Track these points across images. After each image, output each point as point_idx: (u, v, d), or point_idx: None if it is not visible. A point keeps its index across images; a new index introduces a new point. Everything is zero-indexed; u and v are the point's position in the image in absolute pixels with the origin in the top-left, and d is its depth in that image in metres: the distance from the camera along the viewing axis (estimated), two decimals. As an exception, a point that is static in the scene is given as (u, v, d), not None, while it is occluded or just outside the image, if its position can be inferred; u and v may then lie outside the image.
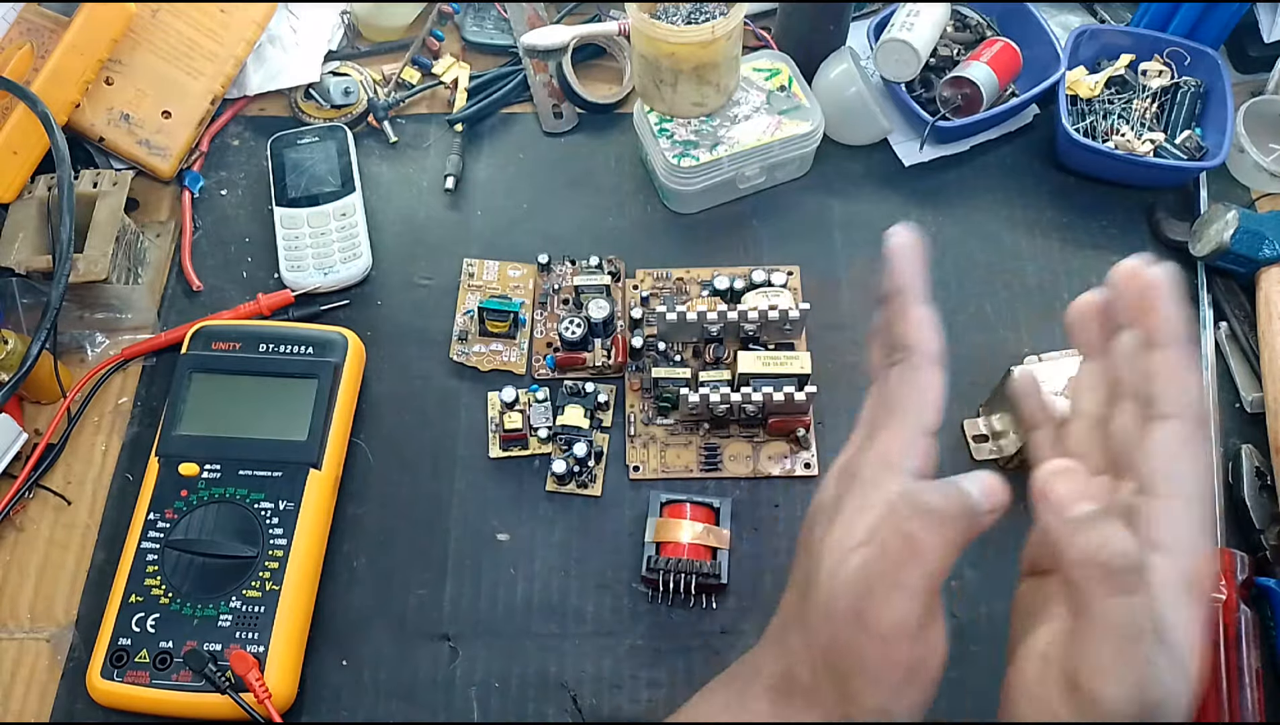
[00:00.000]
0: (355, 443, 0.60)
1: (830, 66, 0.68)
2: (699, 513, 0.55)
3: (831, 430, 0.60)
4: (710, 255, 0.66)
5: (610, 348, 0.61)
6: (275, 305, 0.64)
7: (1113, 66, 0.69)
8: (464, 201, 0.69)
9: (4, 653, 0.54)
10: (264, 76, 0.72)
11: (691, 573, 0.53)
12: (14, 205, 0.63)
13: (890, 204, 0.68)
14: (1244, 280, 0.63)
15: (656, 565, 0.53)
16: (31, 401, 0.62)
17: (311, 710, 0.53)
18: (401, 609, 0.55)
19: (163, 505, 0.54)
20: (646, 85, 0.65)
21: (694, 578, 0.53)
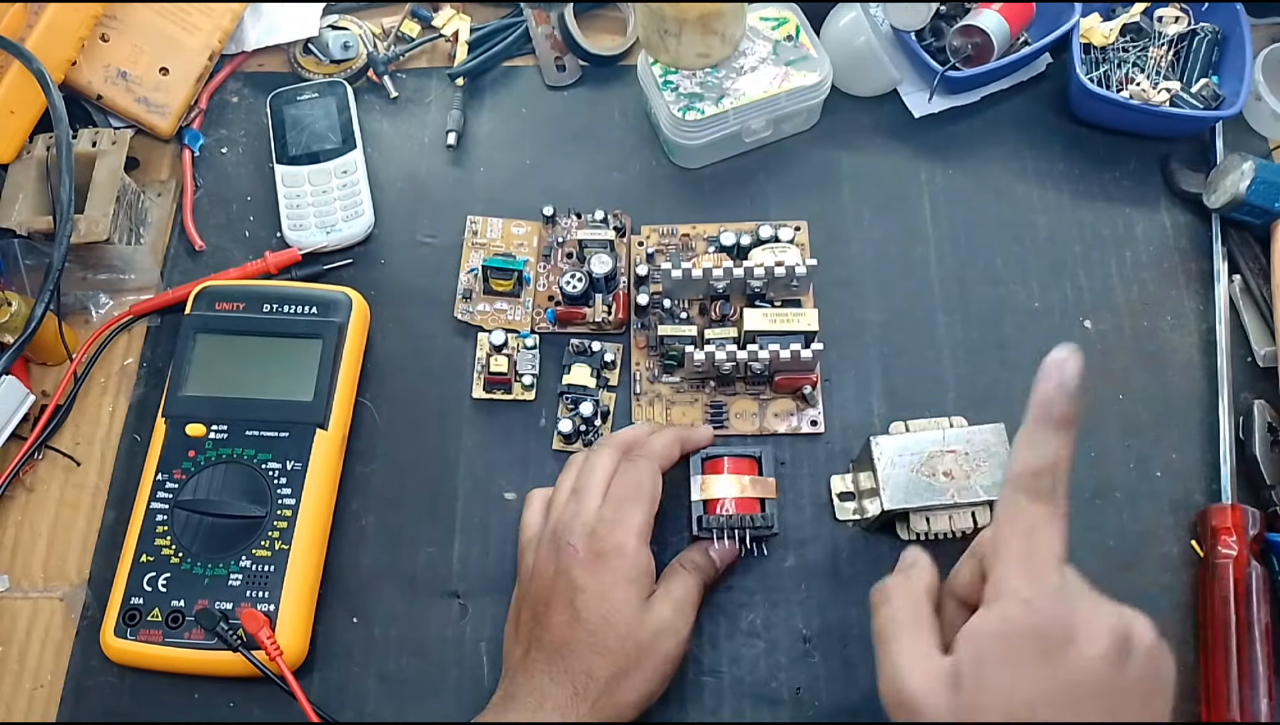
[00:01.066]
0: (361, 402, 0.60)
1: (838, 15, 0.67)
2: (740, 465, 0.54)
3: (838, 387, 0.60)
4: (716, 210, 0.65)
5: (611, 304, 0.60)
6: (282, 264, 0.63)
7: (1128, 13, 0.68)
8: (466, 157, 0.68)
9: (19, 611, 0.55)
10: (262, 31, 0.71)
11: (745, 526, 0.52)
12: (13, 166, 0.62)
13: (900, 156, 0.67)
14: (1259, 232, 0.62)
15: (709, 524, 0.52)
16: (38, 363, 0.62)
17: (323, 667, 0.53)
18: (411, 567, 0.56)
19: (171, 466, 0.54)
20: (650, 36, 0.63)
21: (747, 531, 0.52)
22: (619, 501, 0.49)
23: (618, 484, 0.49)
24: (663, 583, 0.49)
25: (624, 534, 0.47)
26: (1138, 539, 0.55)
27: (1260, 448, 0.56)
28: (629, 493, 0.49)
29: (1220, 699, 0.49)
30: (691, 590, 0.49)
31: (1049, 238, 0.64)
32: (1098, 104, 0.65)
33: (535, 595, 0.48)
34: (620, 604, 0.46)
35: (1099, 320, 0.61)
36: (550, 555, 0.48)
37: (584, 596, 0.46)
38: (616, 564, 0.47)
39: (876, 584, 0.45)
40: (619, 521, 0.48)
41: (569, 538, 0.48)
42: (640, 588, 0.47)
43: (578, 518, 0.48)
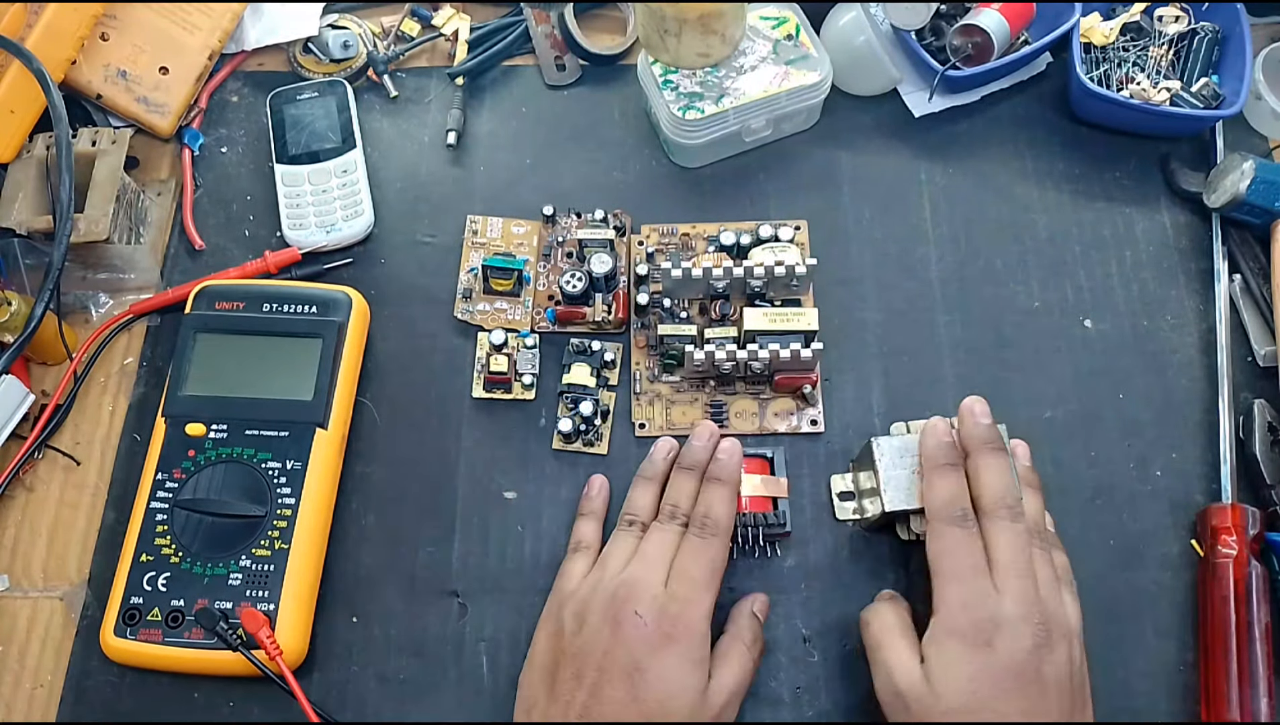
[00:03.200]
0: (361, 402, 0.60)
1: (839, 14, 0.67)
2: (753, 464, 0.54)
3: (838, 387, 0.60)
4: (716, 210, 0.65)
5: (611, 303, 0.60)
6: (282, 263, 0.63)
7: (1128, 12, 0.68)
8: (466, 157, 0.68)
9: (19, 611, 0.55)
10: (261, 31, 0.71)
11: (759, 525, 0.52)
12: (13, 165, 0.62)
13: (900, 156, 0.67)
14: (1259, 231, 0.62)
15: None
16: (38, 362, 0.62)
17: (323, 666, 0.53)
18: (410, 566, 0.56)
19: (170, 465, 0.54)
20: (650, 35, 0.63)
21: (760, 530, 0.52)
22: (692, 581, 0.46)
23: (690, 561, 0.47)
24: (719, 661, 0.47)
25: (695, 616, 0.46)
26: (1138, 539, 0.55)
27: (1260, 447, 0.56)
28: (703, 574, 0.47)
29: (1220, 699, 0.49)
30: (748, 673, 0.48)
31: (1049, 238, 0.64)
32: (1098, 103, 0.65)
33: (584, 658, 0.45)
34: (682, 691, 0.44)
35: (1099, 320, 0.61)
36: (608, 620, 0.46)
37: (646, 678, 0.44)
38: (685, 648, 0.45)
39: (865, 608, 0.50)
40: (691, 601, 0.46)
41: (635, 606, 0.45)
42: (703, 672, 0.45)
43: (645, 588, 0.46)
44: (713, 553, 0.48)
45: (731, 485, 0.50)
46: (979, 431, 0.49)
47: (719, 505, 0.49)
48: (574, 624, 0.47)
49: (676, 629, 0.45)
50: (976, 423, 0.49)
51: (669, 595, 0.46)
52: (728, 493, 0.50)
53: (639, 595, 0.46)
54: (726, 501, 0.49)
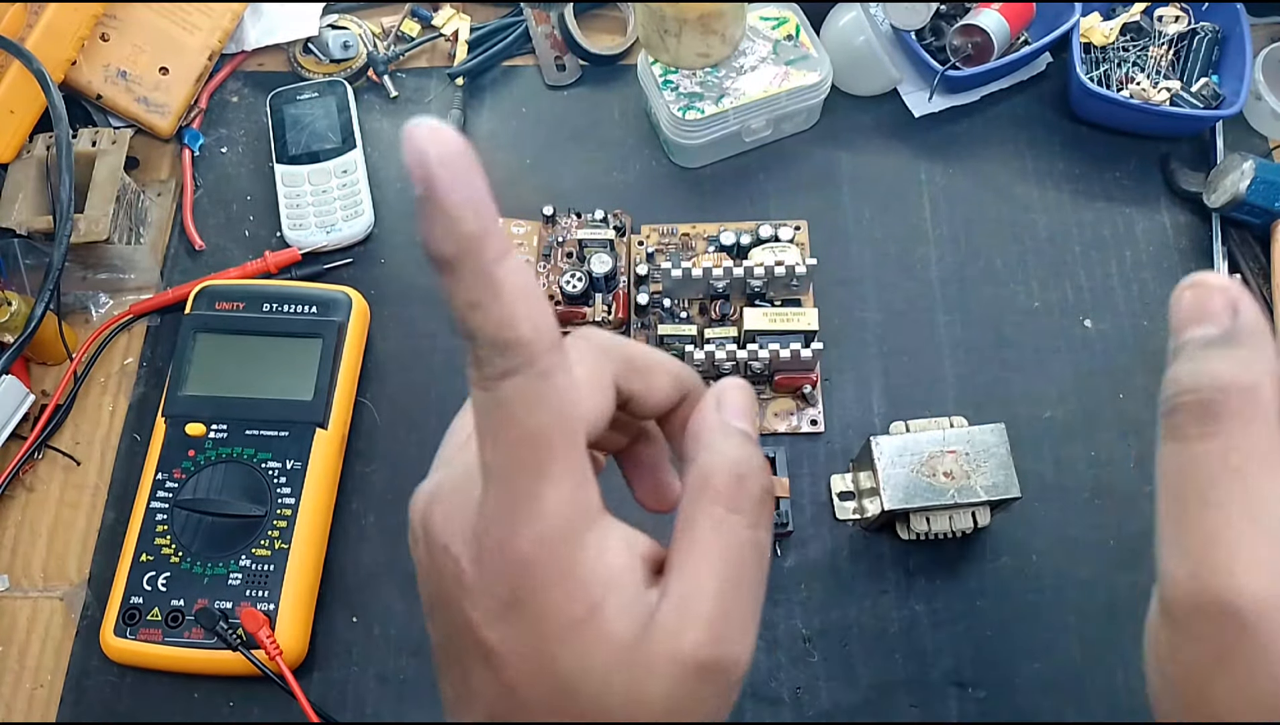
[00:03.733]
0: (361, 402, 0.60)
1: (838, 14, 0.67)
2: None
3: (838, 387, 0.60)
4: (716, 210, 0.65)
5: (611, 303, 0.60)
6: (282, 263, 0.63)
7: (1128, 12, 0.68)
8: (466, 157, 0.68)
9: (19, 611, 0.55)
10: (261, 31, 0.71)
11: None
12: (13, 165, 0.62)
13: (900, 156, 0.67)
14: (1259, 231, 0.62)
15: None
16: (38, 363, 0.62)
17: (323, 666, 0.53)
18: (410, 566, 0.55)
19: (170, 465, 0.54)
20: (650, 35, 0.63)
21: None
22: (500, 477, 0.23)
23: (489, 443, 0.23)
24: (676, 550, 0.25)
25: (528, 534, 0.23)
26: (1138, 539, 0.55)
27: (1260, 447, 0.55)
28: (512, 453, 0.23)
29: (1220, 699, 0.49)
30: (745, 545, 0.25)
31: (1049, 237, 0.64)
32: (1098, 103, 0.65)
33: (431, 613, 0.27)
34: (577, 673, 0.23)
35: (1099, 320, 0.61)
36: (428, 557, 0.26)
37: (504, 663, 0.24)
38: (538, 602, 0.23)
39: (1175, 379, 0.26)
40: (512, 514, 0.23)
41: (443, 536, 0.25)
42: (611, 621, 0.23)
43: (459, 491, 0.25)
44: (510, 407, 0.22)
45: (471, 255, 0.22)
46: None
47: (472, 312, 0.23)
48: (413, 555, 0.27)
49: (508, 572, 0.23)
50: None
51: (479, 514, 0.24)
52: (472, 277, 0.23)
53: (449, 510, 0.25)
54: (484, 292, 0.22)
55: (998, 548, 0.55)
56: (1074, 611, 0.53)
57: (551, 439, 0.23)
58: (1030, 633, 0.53)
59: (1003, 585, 0.54)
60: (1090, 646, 0.53)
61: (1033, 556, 0.55)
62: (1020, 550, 0.55)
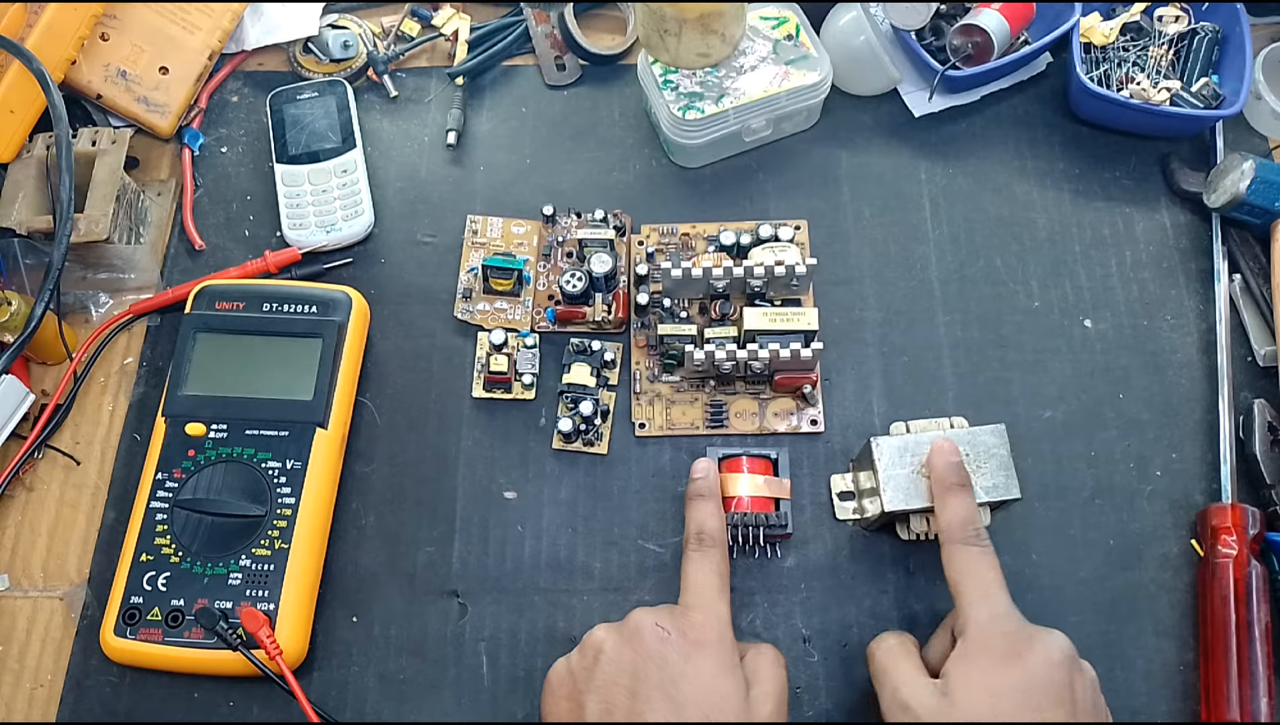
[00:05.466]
0: (361, 402, 0.60)
1: (838, 14, 0.67)
2: (757, 465, 0.54)
3: (838, 387, 0.60)
4: (716, 210, 0.65)
5: (611, 303, 0.60)
6: (282, 263, 0.63)
7: (1128, 12, 0.68)
8: (466, 157, 0.68)
9: (19, 611, 0.55)
10: (261, 31, 0.71)
11: (759, 525, 0.52)
12: (13, 165, 0.62)
13: (900, 156, 0.67)
14: (1259, 231, 0.62)
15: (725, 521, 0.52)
16: (38, 362, 0.62)
17: (323, 666, 0.53)
18: (410, 566, 0.56)
19: (170, 465, 0.54)
20: (650, 35, 0.63)
21: (761, 529, 0.52)
22: (702, 590, 0.46)
23: (696, 573, 0.46)
24: (751, 673, 0.44)
25: (718, 622, 0.44)
26: (1138, 539, 0.55)
27: (1260, 447, 0.56)
28: (713, 582, 0.46)
29: (1220, 698, 0.49)
30: (784, 686, 0.45)
31: (1049, 237, 0.64)
32: (1098, 103, 0.65)
33: (609, 687, 0.42)
34: (725, 698, 0.41)
35: (1099, 320, 0.61)
36: (629, 641, 0.43)
37: (685, 687, 0.41)
38: (717, 652, 0.43)
39: (870, 642, 0.48)
40: (709, 609, 0.45)
41: (655, 620, 0.43)
42: (740, 679, 0.43)
43: (659, 608, 0.45)
44: (715, 562, 0.47)
45: (714, 498, 0.50)
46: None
47: (709, 519, 0.49)
48: (588, 659, 0.44)
49: (705, 635, 0.43)
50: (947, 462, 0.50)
51: (685, 607, 0.45)
52: (712, 505, 0.50)
53: (655, 615, 0.44)
54: (714, 513, 0.49)
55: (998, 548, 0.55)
56: (1074, 611, 0.53)
57: (725, 578, 0.47)
58: (1030, 633, 0.53)
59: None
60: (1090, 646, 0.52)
61: (1033, 556, 0.55)
62: (1020, 550, 0.55)
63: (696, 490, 0.50)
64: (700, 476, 0.51)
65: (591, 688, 0.42)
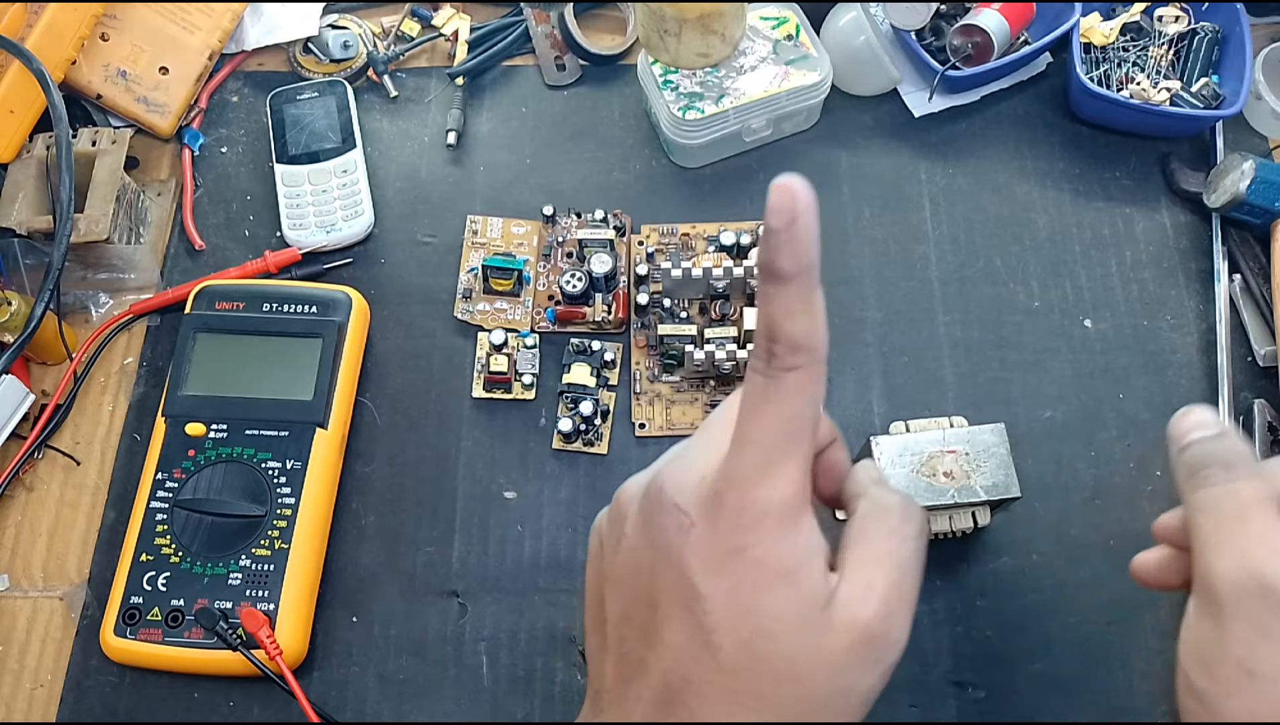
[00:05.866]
0: (361, 402, 0.60)
1: (838, 14, 0.67)
2: None
3: (838, 387, 0.60)
4: (716, 210, 0.65)
5: (611, 303, 0.60)
6: (282, 263, 0.63)
7: (1128, 12, 0.68)
8: (466, 157, 0.68)
9: (19, 611, 0.55)
10: (261, 31, 0.71)
11: None
12: (13, 165, 0.62)
13: (899, 156, 0.67)
14: (1259, 231, 0.62)
15: None
16: (37, 362, 0.62)
17: (323, 666, 0.53)
18: (410, 566, 0.56)
19: (170, 465, 0.54)
20: (650, 35, 0.63)
21: None
22: (757, 445, 0.29)
23: (752, 417, 0.29)
24: (852, 554, 0.31)
25: (771, 497, 0.29)
26: (1138, 539, 0.55)
27: (1260, 448, 0.56)
28: (775, 430, 0.29)
29: (1220, 699, 0.49)
30: (912, 572, 0.31)
31: (1049, 237, 0.64)
32: (1098, 103, 0.65)
33: (626, 579, 0.31)
34: (776, 620, 0.28)
35: (1099, 320, 0.61)
36: (646, 522, 0.31)
37: (709, 607, 0.28)
38: (760, 551, 0.29)
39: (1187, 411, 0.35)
40: (757, 477, 0.29)
41: (675, 496, 0.30)
42: (808, 582, 0.29)
43: (691, 467, 0.30)
44: (792, 399, 0.29)
45: (804, 277, 0.30)
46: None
47: (786, 319, 0.29)
48: (615, 532, 0.33)
49: (742, 532, 0.29)
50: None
51: (726, 477, 0.29)
52: (798, 292, 0.29)
53: (684, 481, 0.30)
54: (800, 305, 0.29)
55: (998, 548, 0.55)
56: (1074, 611, 0.53)
57: (806, 425, 0.29)
58: (1030, 633, 0.53)
59: (1003, 585, 0.54)
60: (1090, 646, 0.53)
61: (1033, 556, 0.55)
62: (1020, 550, 0.55)
63: (774, 264, 0.30)
64: (780, 225, 0.30)
65: (611, 577, 0.32)
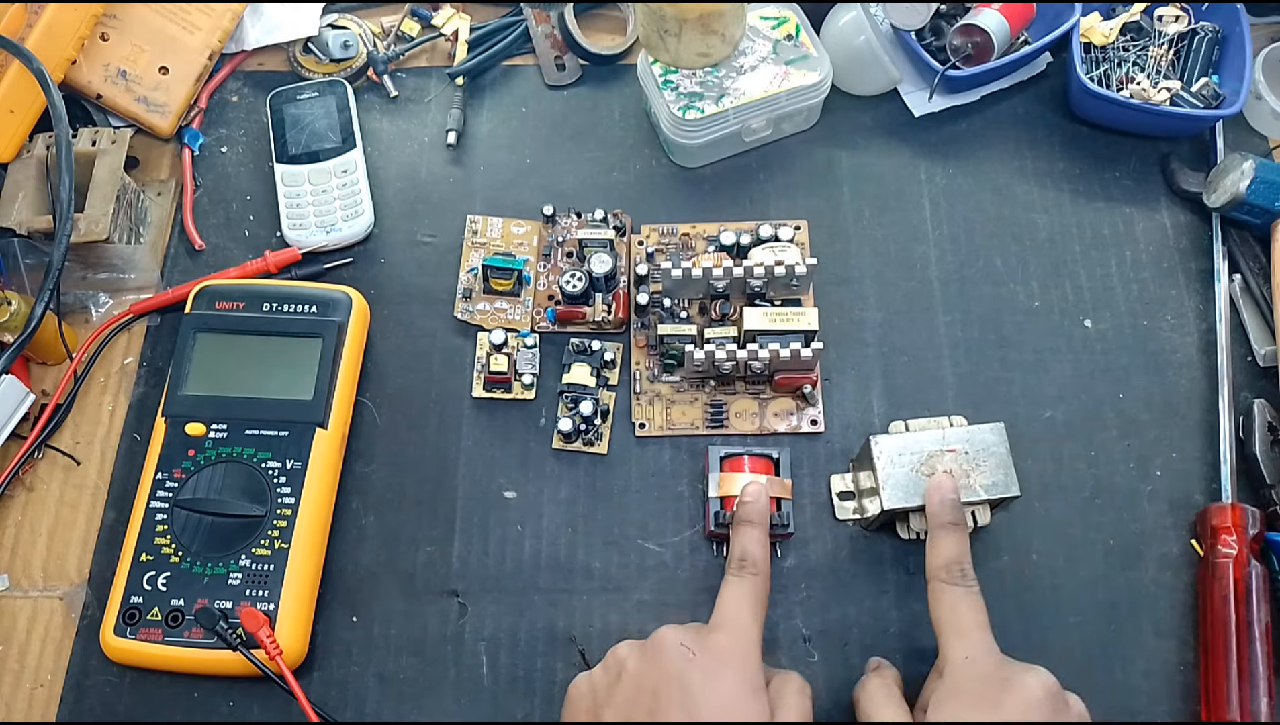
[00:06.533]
0: (361, 401, 0.60)
1: (838, 14, 0.67)
2: (758, 464, 0.54)
3: (838, 387, 0.60)
4: (716, 210, 0.65)
5: (611, 303, 0.60)
6: (282, 263, 0.63)
7: (1128, 12, 0.68)
8: (466, 157, 0.68)
9: (19, 611, 0.55)
10: (261, 31, 0.71)
11: None
12: (13, 165, 0.62)
13: (900, 156, 0.67)
14: (1259, 231, 0.62)
15: (725, 521, 0.52)
16: (38, 362, 0.62)
17: (323, 666, 0.53)
18: (410, 566, 0.56)
19: (170, 465, 0.54)
20: (650, 35, 0.63)
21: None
22: (735, 616, 0.45)
23: (731, 598, 0.46)
24: (777, 699, 0.44)
25: (746, 647, 0.43)
26: (1138, 539, 0.55)
27: (1260, 447, 0.56)
28: (747, 609, 0.45)
29: (1220, 698, 0.49)
30: (809, 714, 0.44)
31: (1049, 237, 0.64)
32: (1098, 103, 0.65)
33: (630, 700, 0.42)
34: (747, 720, 0.41)
35: (1099, 320, 0.61)
36: (651, 658, 0.43)
37: (706, 708, 0.41)
38: (741, 673, 0.42)
39: (854, 690, 0.49)
40: (738, 633, 0.44)
41: (679, 638, 0.43)
42: (764, 703, 0.42)
43: (688, 627, 0.44)
44: (754, 587, 0.46)
45: (762, 526, 0.49)
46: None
47: (753, 546, 0.48)
48: (610, 675, 0.44)
49: (730, 657, 0.43)
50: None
51: (714, 627, 0.44)
52: (759, 533, 0.49)
53: (681, 633, 0.44)
54: (759, 541, 0.48)
55: (998, 548, 0.55)
56: (1074, 611, 0.53)
57: (762, 605, 0.46)
58: (1030, 633, 0.53)
59: (1003, 585, 0.54)
60: (1090, 646, 0.53)
61: (1033, 556, 0.55)
62: (1020, 550, 0.55)
63: (745, 515, 0.49)
64: (750, 501, 0.50)
65: (612, 703, 0.42)
